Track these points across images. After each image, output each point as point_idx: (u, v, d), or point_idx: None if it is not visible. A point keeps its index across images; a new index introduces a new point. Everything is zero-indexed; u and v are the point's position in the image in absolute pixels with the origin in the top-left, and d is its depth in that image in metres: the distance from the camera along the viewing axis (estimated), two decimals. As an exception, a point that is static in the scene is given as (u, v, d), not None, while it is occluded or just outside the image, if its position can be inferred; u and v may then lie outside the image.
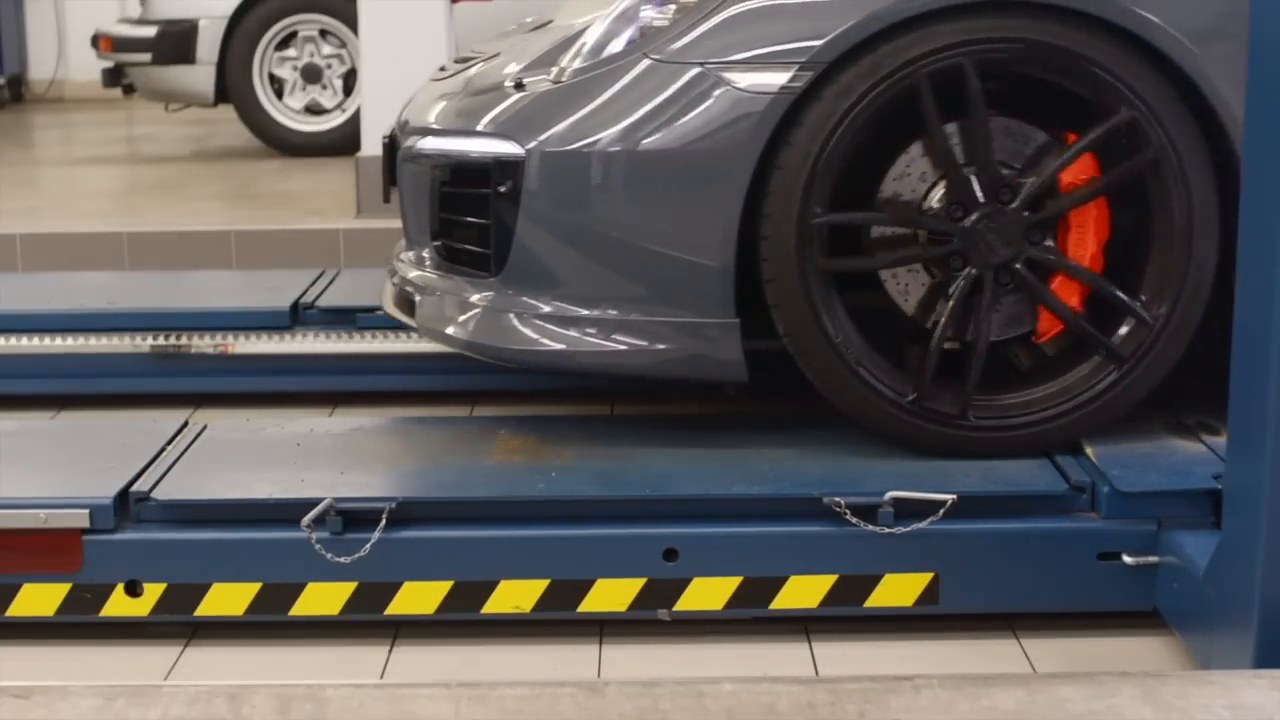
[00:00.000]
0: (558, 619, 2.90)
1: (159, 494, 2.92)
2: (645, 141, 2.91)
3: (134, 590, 2.88)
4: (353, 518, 2.86)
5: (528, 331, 3.02)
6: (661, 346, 2.97)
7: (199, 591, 2.88)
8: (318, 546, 2.82)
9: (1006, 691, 2.27)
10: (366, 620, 2.91)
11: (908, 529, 2.83)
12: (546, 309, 3.00)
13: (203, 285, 4.66)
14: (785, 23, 2.90)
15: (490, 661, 2.86)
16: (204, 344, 4.01)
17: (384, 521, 2.85)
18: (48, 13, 10.69)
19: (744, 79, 2.86)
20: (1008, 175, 2.96)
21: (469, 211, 3.08)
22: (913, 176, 2.99)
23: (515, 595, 2.88)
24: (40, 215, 6.13)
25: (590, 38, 3.04)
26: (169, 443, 3.18)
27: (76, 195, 6.88)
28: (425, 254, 3.24)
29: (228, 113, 7.73)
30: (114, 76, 7.82)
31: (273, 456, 3.11)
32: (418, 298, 3.20)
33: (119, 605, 2.88)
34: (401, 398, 3.91)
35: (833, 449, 3.09)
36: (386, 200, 3.38)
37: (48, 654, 2.90)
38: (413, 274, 3.25)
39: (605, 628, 2.94)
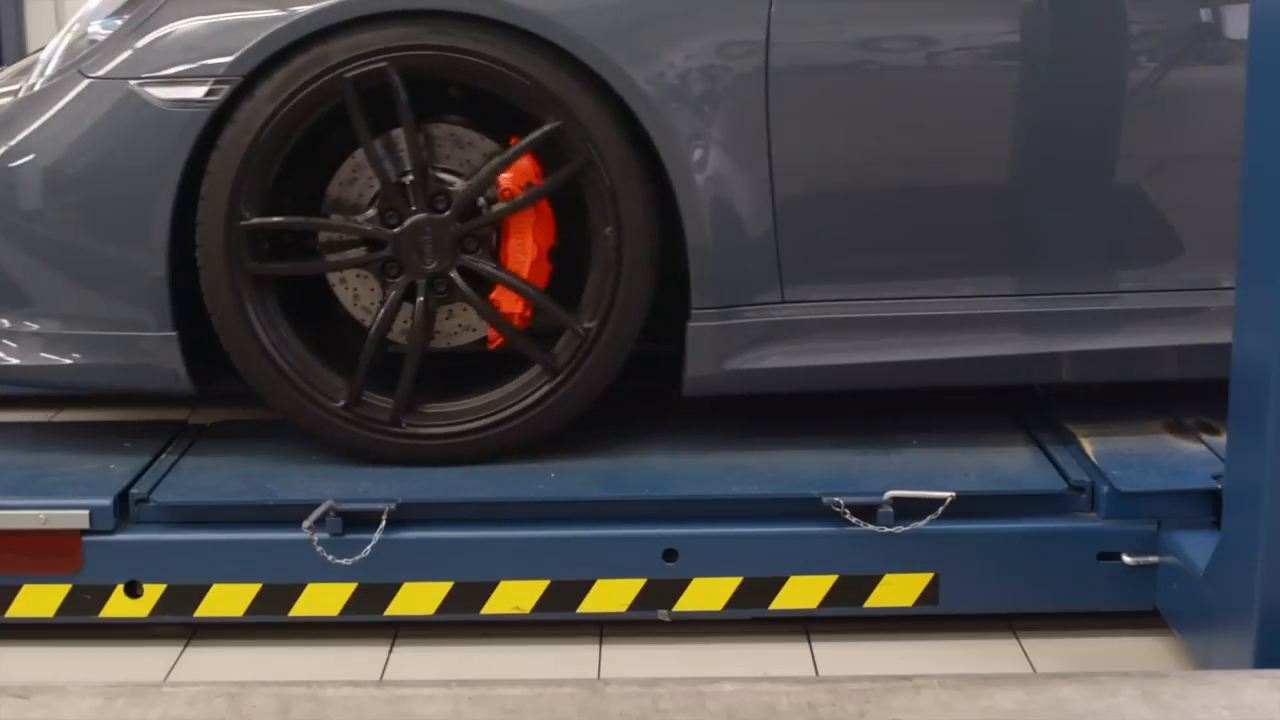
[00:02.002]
0: (558, 619, 2.90)
1: (159, 495, 2.93)
2: (77, 159, 2.91)
3: (134, 591, 2.88)
4: (353, 519, 2.86)
5: None
6: (105, 360, 2.97)
7: (199, 592, 2.88)
8: (318, 548, 2.83)
9: (1006, 691, 2.27)
10: (366, 620, 2.91)
11: (907, 529, 2.83)
12: (7, 324, 3.01)
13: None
14: (205, 37, 2.88)
15: (490, 661, 2.86)
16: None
17: (384, 522, 2.85)
18: (48, 13, 10.69)
19: (165, 93, 2.86)
20: (450, 183, 2.95)
21: None
22: (360, 182, 3.00)
23: (515, 595, 2.88)
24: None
25: (50, 55, 3.05)
26: (169, 443, 3.18)
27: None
28: None
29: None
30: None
31: (272, 457, 3.11)
32: None
33: (119, 606, 2.88)
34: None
35: (833, 449, 3.09)
36: None
37: (48, 654, 2.91)
38: None
39: (605, 628, 2.94)
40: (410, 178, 2.93)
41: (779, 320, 2.97)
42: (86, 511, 2.87)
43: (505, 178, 2.94)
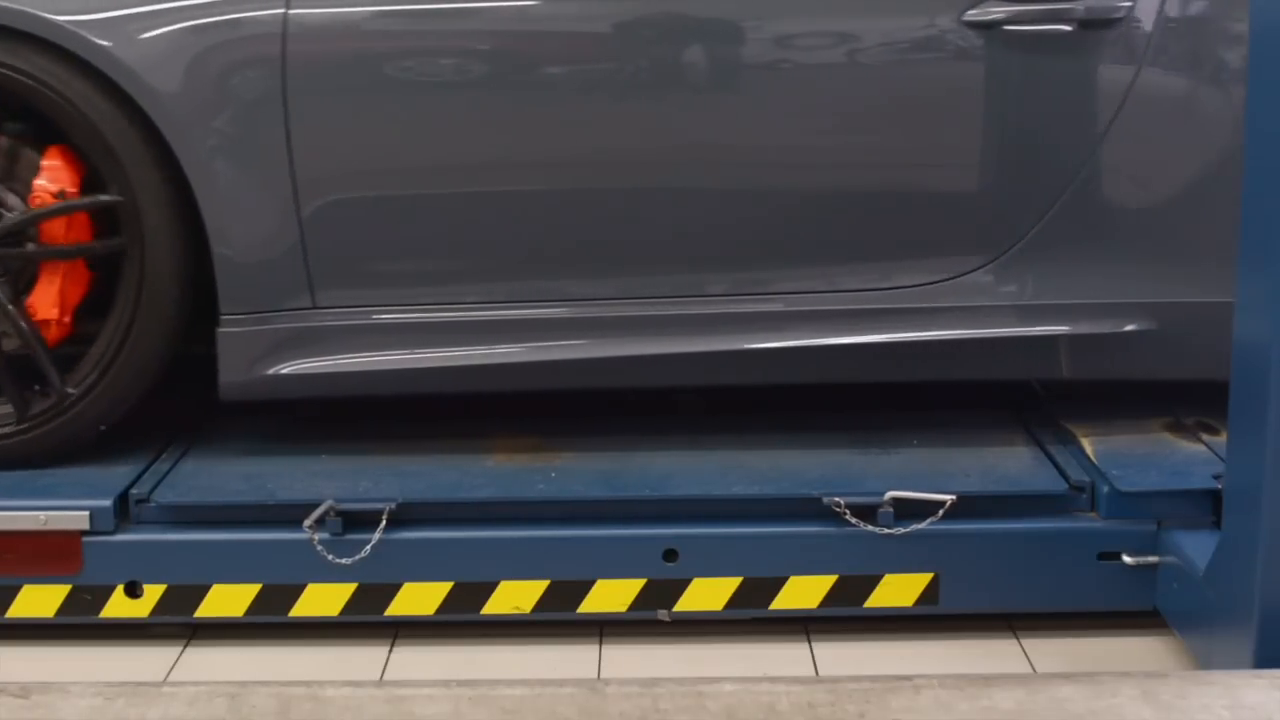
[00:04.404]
0: (558, 619, 2.90)
1: (159, 495, 2.93)
2: None
3: (134, 591, 2.88)
4: (353, 518, 2.86)
5: None
6: None
7: (199, 592, 2.88)
8: (319, 548, 2.83)
9: (1006, 691, 2.27)
10: (366, 620, 2.91)
11: (907, 529, 2.83)
12: None
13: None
14: None
15: (490, 661, 2.86)
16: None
17: (384, 522, 2.85)
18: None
19: None
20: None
21: None
22: None
23: (515, 595, 2.88)
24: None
25: None
26: (169, 443, 3.18)
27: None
28: None
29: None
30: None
31: (272, 457, 3.11)
32: None
33: (119, 606, 2.89)
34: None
35: (833, 449, 3.09)
36: None
37: (48, 654, 2.91)
38: None
39: (605, 628, 2.94)
40: None
41: (310, 326, 2.98)
42: (86, 512, 2.87)
43: (39, 184, 2.91)
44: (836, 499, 2.85)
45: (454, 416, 3.30)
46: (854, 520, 2.84)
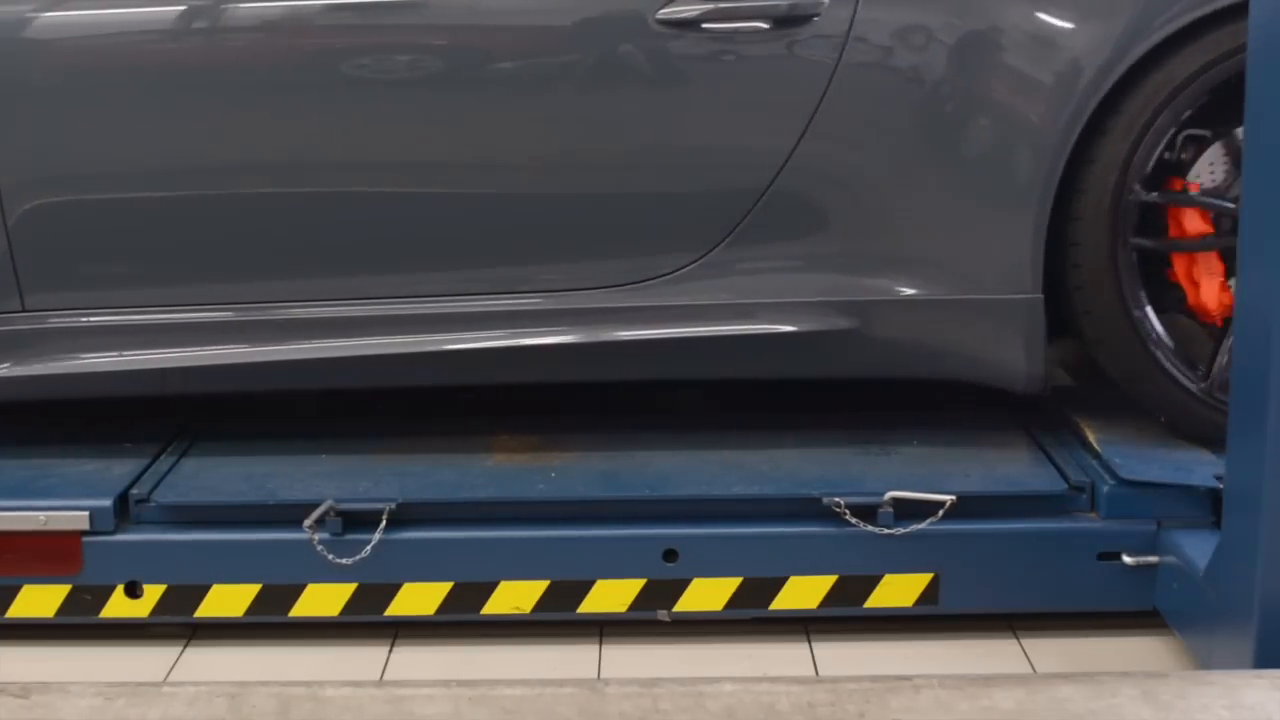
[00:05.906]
0: (558, 619, 2.90)
1: (159, 495, 2.93)
2: None
3: (134, 591, 2.89)
4: (353, 518, 2.86)
5: None
6: None
7: (199, 592, 2.88)
8: (319, 548, 2.83)
9: (1006, 691, 2.27)
10: (366, 620, 2.91)
11: (907, 529, 2.83)
12: None
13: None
14: None
15: (490, 661, 2.86)
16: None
17: (384, 522, 2.85)
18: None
19: None
20: None
21: None
22: None
23: (515, 596, 2.88)
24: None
25: None
26: (169, 443, 3.18)
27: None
28: None
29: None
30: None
31: (272, 457, 3.11)
32: None
33: (119, 606, 2.89)
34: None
35: (833, 449, 3.09)
36: None
37: (48, 654, 2.91)
38: None
39: (605, 628, 2.94)
40: None
41: (21, 330, 2.98)
42: (86, 512, 2.87)
43: None
44: (836, 499, 2.85)
45: (454, 416, 3.30)
46: (854, 520, 2.84)
